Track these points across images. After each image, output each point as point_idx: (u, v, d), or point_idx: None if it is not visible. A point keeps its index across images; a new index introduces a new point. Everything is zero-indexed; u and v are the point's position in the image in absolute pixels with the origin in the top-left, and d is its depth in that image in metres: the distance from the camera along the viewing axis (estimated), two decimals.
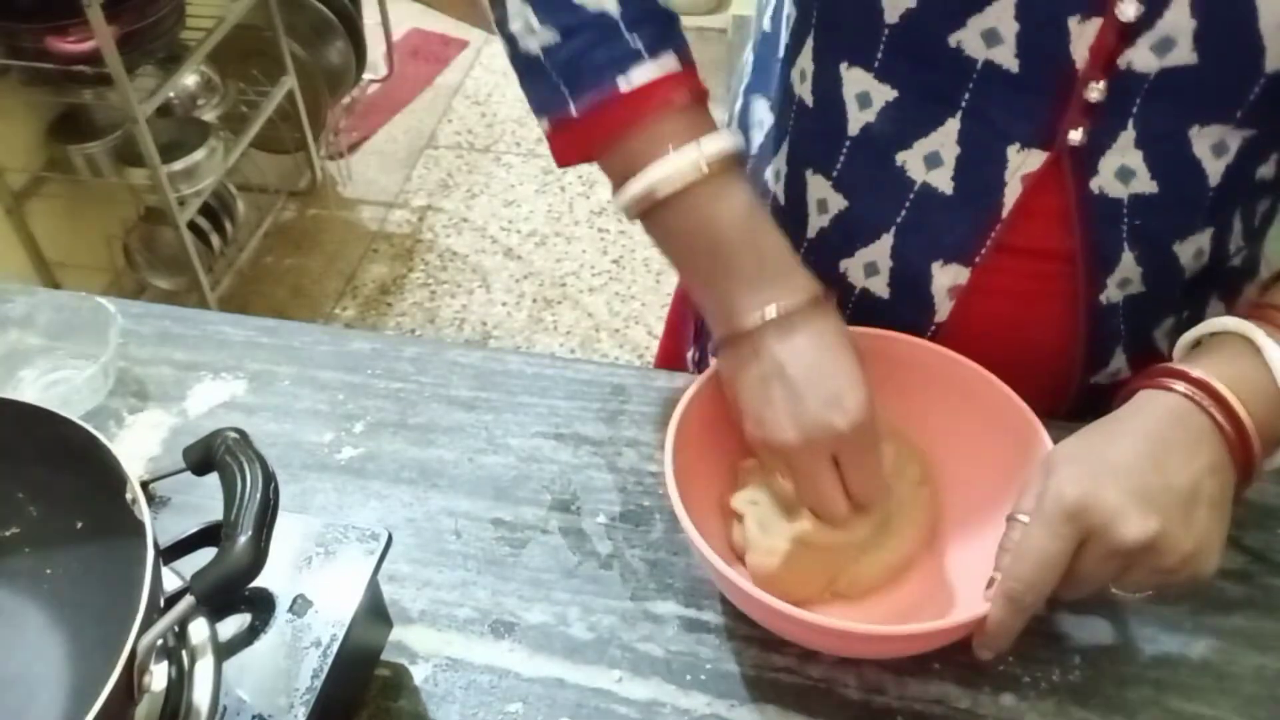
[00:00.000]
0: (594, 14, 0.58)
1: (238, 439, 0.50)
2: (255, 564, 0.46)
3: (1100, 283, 0.63)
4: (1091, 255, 0.62)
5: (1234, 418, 0.52)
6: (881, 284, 0.68)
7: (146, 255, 2.08)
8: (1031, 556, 0.51)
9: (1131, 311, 0.65)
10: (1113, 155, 0.58)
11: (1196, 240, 0.62)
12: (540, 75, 0.60)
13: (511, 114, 2.82)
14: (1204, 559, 0.51)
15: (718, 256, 0.58)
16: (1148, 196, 0.59)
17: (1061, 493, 0.51)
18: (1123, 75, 0.55)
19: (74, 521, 0.52)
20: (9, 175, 1.86)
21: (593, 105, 0.58)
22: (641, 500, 0.68)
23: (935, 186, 0.63)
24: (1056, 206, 0.61)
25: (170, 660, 0.48)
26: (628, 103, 0.58)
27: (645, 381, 0.76)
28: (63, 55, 1.70)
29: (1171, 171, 0.59)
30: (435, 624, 0.61)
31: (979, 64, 0.57)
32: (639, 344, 2.18)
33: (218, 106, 2.19)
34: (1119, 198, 0.60)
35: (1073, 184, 0.60)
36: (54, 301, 0.76)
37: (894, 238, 0.66)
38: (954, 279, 0.65)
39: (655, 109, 0.58)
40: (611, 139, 0.59)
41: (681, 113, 0.58)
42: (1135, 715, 0.56)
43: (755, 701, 0.57)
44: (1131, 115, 0.57)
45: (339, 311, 2.27)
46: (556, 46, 0.59)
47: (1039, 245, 0.63)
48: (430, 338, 2.17)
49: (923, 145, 0.62)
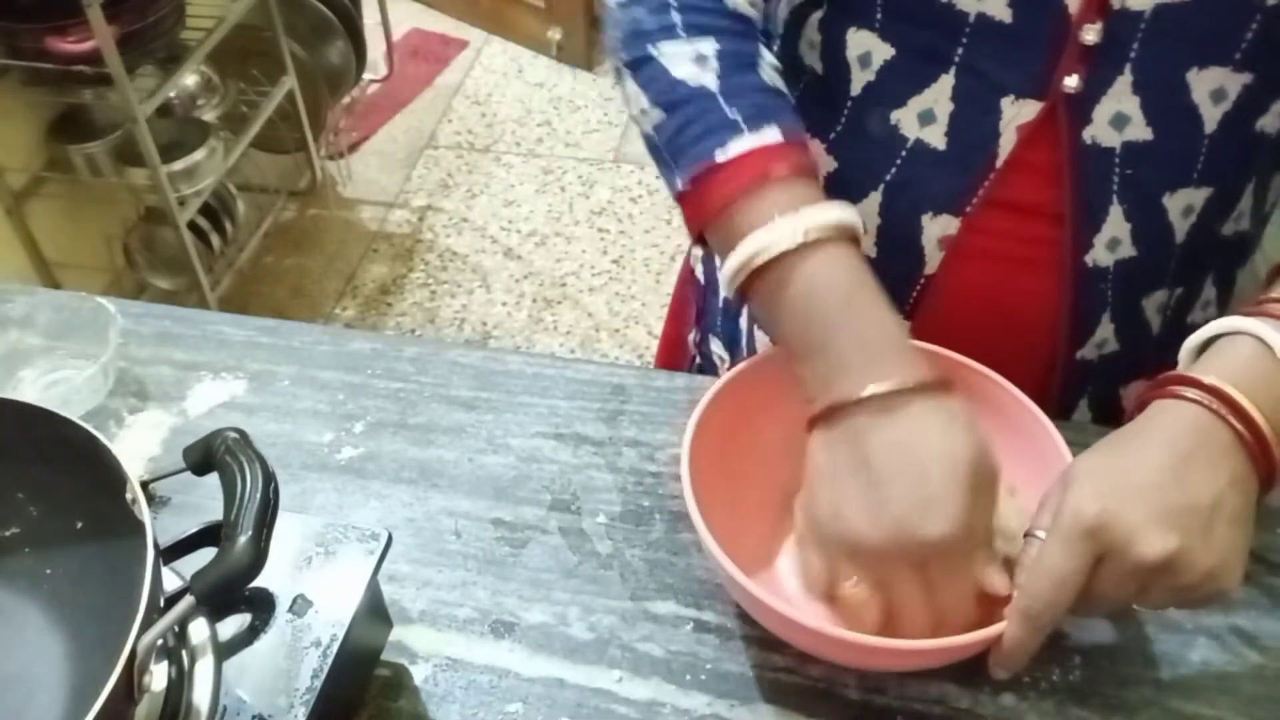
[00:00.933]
0: (694, 89, 0.58)
1: (238, 439, 0.50)
2: (255, 564, 0.46)
3: (1087, 241, 0.63)
4: (1080, 210, 0.62)
5: (1253, 425, 0.51)
6: (869, 243, 0.68)
7: (146, 255, 2.08)
8: (1048, 574, 0.50)
9: (1120, 278, 0.65)
10: (1108, 101, 0.58)
11: (1187, 195, 0.62)
12: (656, 154, 0.61)
13: (511, 114, 2.82)
14: (1226, 574, 0.50)
15: (813, 330, 0.54)
16: (1141, 144, 0.59)
17: (1079, 509, 0.50)
18: (1118, 15, 0.55)
19: (74, 521, 0.52)
20: (9, 175, 1.86)
21: (694, 178, 0.58)
22: (641, 500, 0.68)
23: (928, 143, 0.63)
24: (1048, 160, 0.61)
25: (170, 660, 0.48)
26: (725, 174, 0.57)
27: (645, 381, 0.76)
28: (63, 55, 1.70)
29: (1167, 118, 0.58)
30: (435, 624, 0.61)
31: (971, 17, 0.58)
32: (639, 344, 2.18)
33: (218, 106, 2.18)
34: (1111, 147, 0.60)
35: (1066, 133, 0.60)
36: (54, 301, 0.76)
37: (882, 195, 0.66)
38: (944, 229, 0.65)
39: (754, 180, 0.56)
40: (714, 212, 0.57)
41: (783, 184, 0.56)
42: (1135, 715, 0.56)
43: (755, 701, 0.57)
44: (1129, 60, 0.57)
45: (339, 311, 2.27)
46: (663, 124, 0.59)
47: (1029, 199, 0.63)
48: (430, 338, 2.17)
49: (917, 102, 0.62)
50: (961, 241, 0.65)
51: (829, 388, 0.53)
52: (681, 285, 0.93)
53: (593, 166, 2.62)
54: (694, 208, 0.59)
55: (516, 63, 3.00)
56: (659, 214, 2.45)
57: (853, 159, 0.67)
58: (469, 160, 2.67)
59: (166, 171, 1.83)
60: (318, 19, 2.38)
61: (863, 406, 0.52)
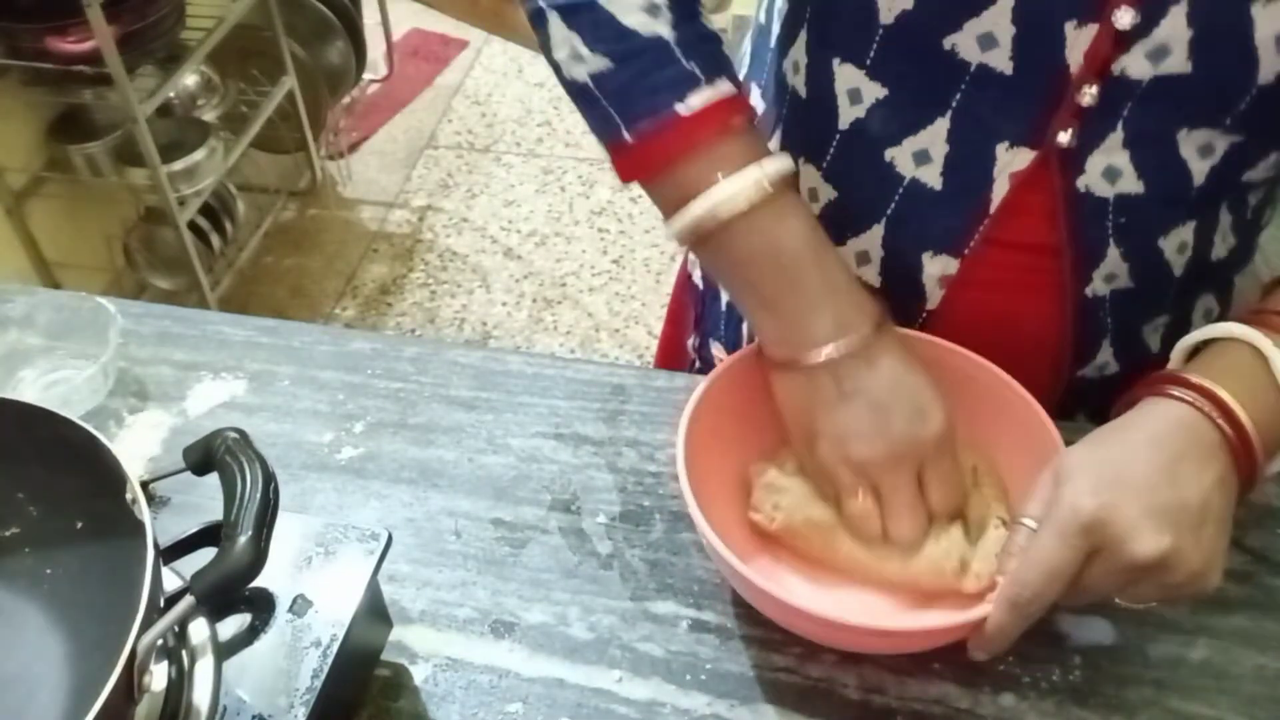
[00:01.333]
0: (648, 39, 0.57)
1: (238, 439, 0.50)
2: (255, 564, 0.46)
3: (1086, 276, 0.64)
4: (1077, 250, 0.62)
5: (1238, 426, 0.52)
6: (873, 273, 0.68)
7: (146, 255, 2.08)
8: (1040, 564, 0.51)
9: (1118, 306, 0.65)
10: (1100, 155, 0.59)
11: (1180, 234, 0.63)
12: (591, 102, 0.59)
13: (511, 114, 2.82)
14: (1210, 575, 0.51)
15: (782, 277, 0.58)
16: (1133, 196, 0.60)
17: (1078, 504, 0.51)
18: (1115, 81, 0.55)
19: (74, 521, 0.52)
20: (9, 175, 1.86)
21: (649, 131, 0.57)
22: (641, 500, 0.68)
23: (924, 182, 0.63)
24: (1043, 203, 0.61)
25: (170, 660, 0.48)
26: (686, 127, 0.57)
27: (645, 381, 0.76)
28: (63, 55, 1.70)
29: (1157, 172, 0.59)
30: (435, 624, 0.61)
31: (972, 67, 0.57)
32: (639, 344, 2.18)
33: (218, 106, 2.19)
34: (1105, 197, 0.60)
35: (1060, 182, 0.60)
36: (54, 301, 0.76)
37: (884, 229, 0.66)
38: (943, 269, 0.65)
39: (715, 133, 0.57)
40: (668, 164, 0.58)
41: (738, 136, 0.58)
42: (1135, 715, 0.56)
43: (755, 701, 0.57)
44: (1121, 118, 0.57)
45: (339, 311, 2.27)
46: (609, 73, 0.58)
47: (1026, 240, 0.63)
48: (430, 338, 2.17)
49: (912, 143, 0.62)
50: (961, 280, 0.65)
51: (802, 332, 0.58)
52: (679, 290, 0.93)
53: (593, 166, 2.62)
54: (640, 159, 0.59)
55: (516, 63, 3.00)
56: (659, 214, 2.44)
57: (851, 190, 0.67)
58: (469, 160, 2.67)
59: (166, 171, 1.83)
60: (318, 19, 2.38)
61: (843, 348, 0.57)
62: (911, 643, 0.57)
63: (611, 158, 0.61)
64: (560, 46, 0.59)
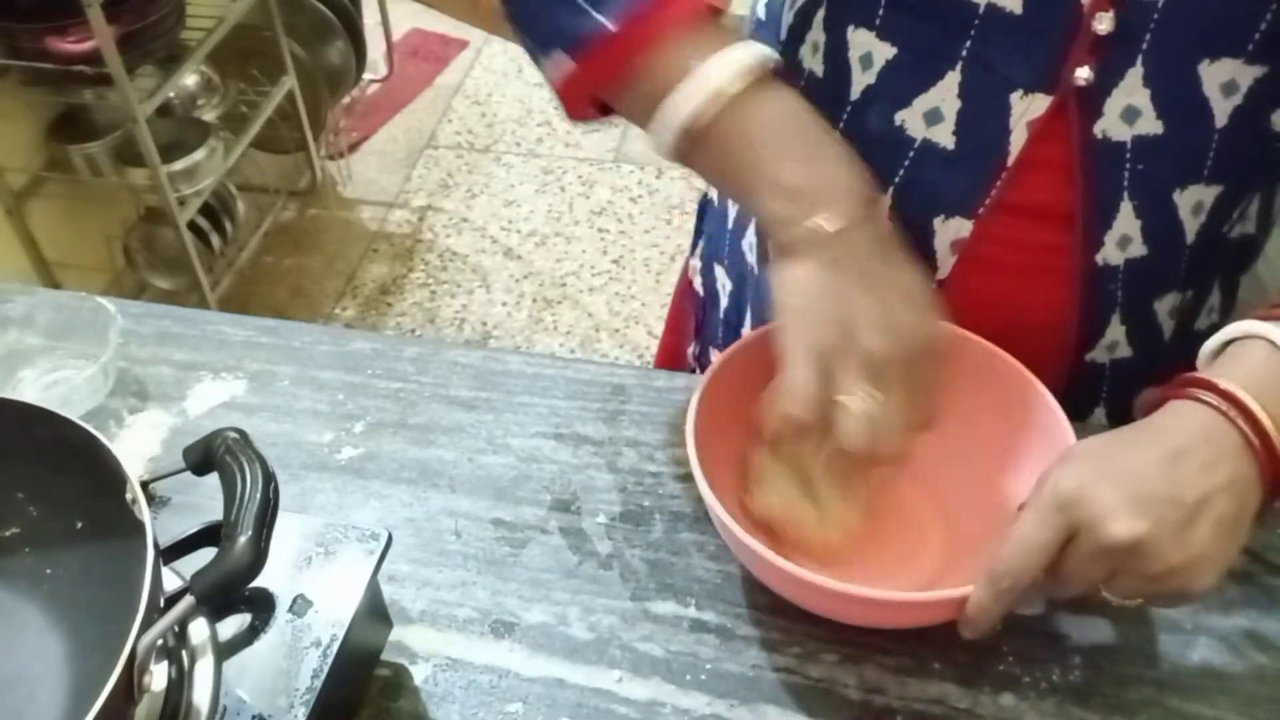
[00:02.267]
0: None
1: (238, 439, 0.50)
2: (255, 564, 0.46)
3: (1098, 239, 0.63)
4: (1090, 207, 0.62)
5: (1261, 431, 0.51)
6: None
7: (146, 255, 2.08)
8: (1017, 542, 0.51)
9: (1130, 278, 0.65)
10: (1119, 94, 0.58)
11: (1197, 192, 0.62)
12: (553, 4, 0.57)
13: (511, 114, 2.82)
14: (1195, 574, 0.50)
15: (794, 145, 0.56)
16: (1152, 138, 0.59)
17: (1058, 484, 0.51)
18: (1131, 4, 0.55)
19: (74, 521, 0.52)
20: (9, 175, 1.86)
21: (633, 16, 0.55)
22: (641, 500, 0.68)
23: (936, 143, 0.63)
24: (1059, 156, 0.61)
25: (170, 660, 0.48)
26: (673, 8, 0.55)
27: (645, 381, 0.76)
28: (63, 55, 1.70)
29: (1178, 111, 0.58)
30: (435, 624, 0.61)
31: (981, 8, 0.57)
32: (639, 344, 2.18)
33: (218, 106, 2.18)
34: (1122, 140, 0.59)
35: (1077, 128, 0.59)
36: (54, 301, 0.76)
37: (891, 198, 0.66)
38: (956, 232, 0.65)
39: (702, 17, 0.56)
40: (653, 49, 0.56)
41: (716, 23, 0.57)
42: (1135, 715, 0.56)
43: (755, 701, 0.57)
44: (1140, 51, 0.56)
45: (339, 311, 2.27)
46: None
47: (1040, 199, 0.63)
48: (430, 338, 2.17)
49: (923, 101, 0.62)
50: (973, 246, 0.65)
51: (815, 195, 0.55)
52: (679, 298, 0.93)
53: (593, 166, 2.62)
54: (622, 49, 0.56)
55: (516, 63, 3.00)
56: (659, 214, 2.45)
57: (861, 160, 0.66)
58: (469, 160, 2.67)
59: (166, 171, 1.83)
60: (318, 19, 2.38)
61: (860, 214, 0.55)
62: (902, 614, 0.57)
63: (572, 76, 0.58)
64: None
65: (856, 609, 0.57)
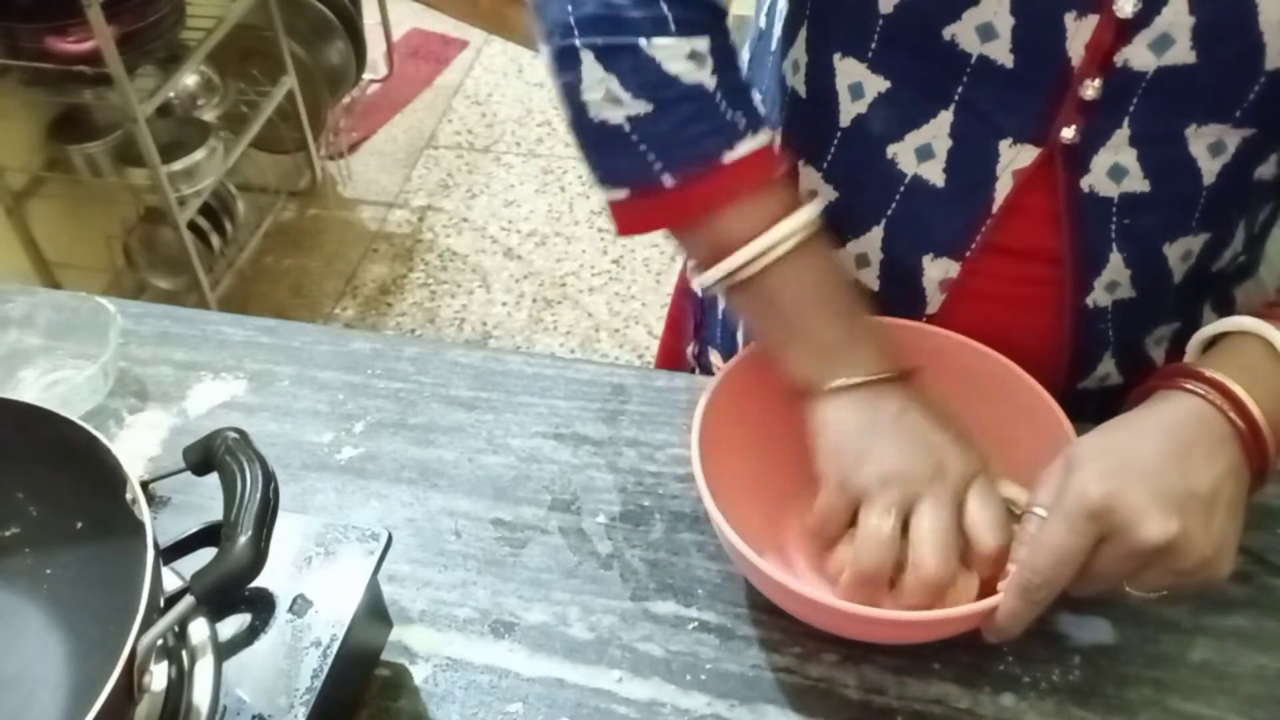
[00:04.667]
0: (690, 87, 0.57)
1: (238, 439, 0.50)
2: (255, 564, 0.46)
3: (1087, 284, 0.63)
4: (1079, 255, 0.62)
5: (1250, 420, 0.52)
6: (872, 276, 0.68)
7: (146, 255, 2.08)
8: (1049, 551, 0.51)
9: (1120, 318, 0.65)
10: (1105, 153, 0.58)
11: (1186, 242, 0.62)
12: (622, 145, 0.58)
13: (511, 114, 2.82)
14: (1220, 562, 0.51)
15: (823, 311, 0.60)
16: (1139, 195, 0.59)
17: (1085, 490, 0.51)
18: (1119, 73, 0.55)
19: (74, 521, 0.52)
20: (9, 175, 1.86)
21: (693, 175, 0.57)
22: (641, 500, 0.68)
23: (926, 179, 0.63)
24: (1047, 205, 0.61)
25: (170, 660, 0.48)
26: (731, 174, 0.57)
27: (645, 381, 0.76)
28: (63, 55, 1.70)
29: (1165, 171, 0.58)
30: (435, 624, 0.61)
31: (973, 58, 0.57)
32: (639, 344, 2.18)
33: (218, 106, 2.18)
34: (1109, 196, 0.60)
35: (1064, 181, 0.59)
36: (54, 301, 0.76)
37: (884, 230, 0.66)
38: (944, 272, 0.65)
39: (758, 182, 0.58)
40: (707, 211, 0.58)
41: (776, 186, 0.59)
42: (1135, 715, 0.56)
43: (755, 701, 0.57)
44: (1127, 114, 0.56)
45: (339, 311, 2.27)
46: (649, 118, 0.57)
47: (1028, 244, 0.63)
48: (430, 338, 2.17)
49: (915, 137, 0.62)
50: (962, 285, 0.65)
51: (842, 357, 0.59)
52: (678, 298, 0.93)
53: None
54: (678, 204, 0.59)
55: (516, 63, 3.00)
56: None
57: (852, 191, 0.66)
58: (469, 160, 2.67)
59: (166, 171, 1.83)
60: (318, 19, 2.38)
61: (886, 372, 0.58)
62: (927, 632, 0.57)
63: (628, 205, 0.60)
64: (594, 88, 0.57)
65: (883, 630, 0.57)
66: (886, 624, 0.55)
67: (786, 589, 0.54)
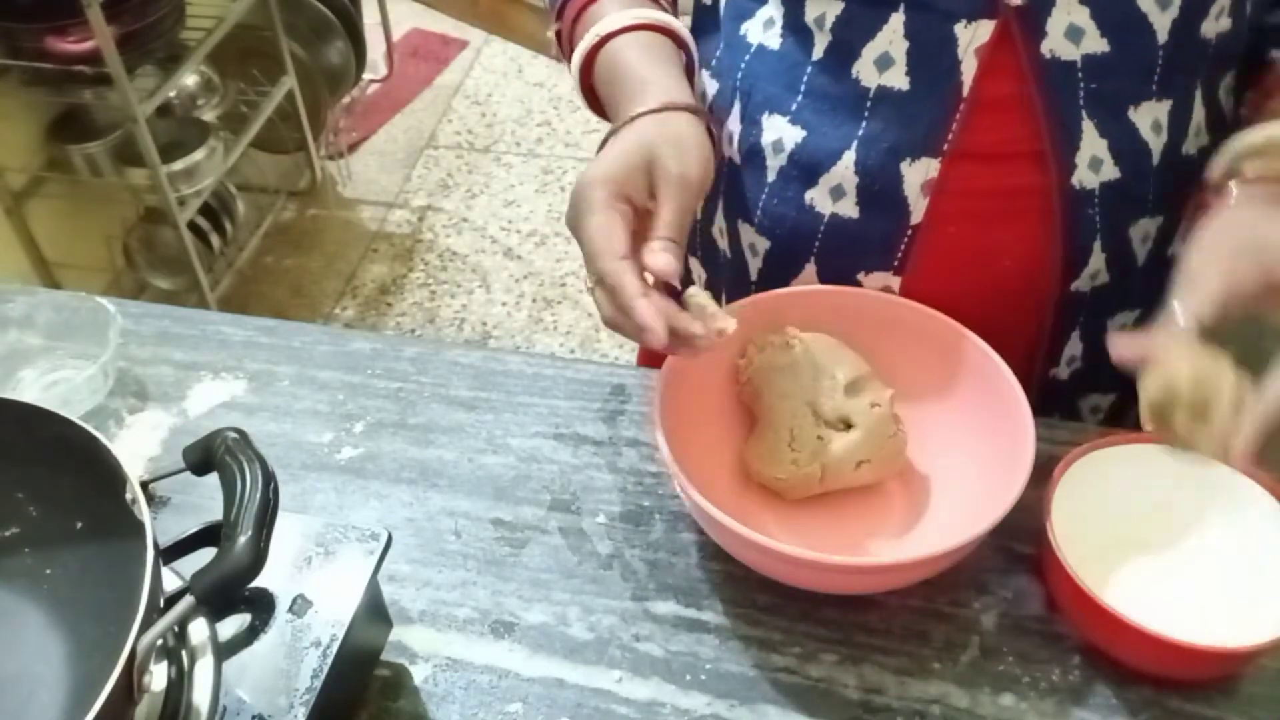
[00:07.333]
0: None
1: (238, 439, 0.50)
2: (255, 564, 0.46)
3: (1070, 163, 0.65)
4: (1055, 130, 0.64)
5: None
6: (850, 205, 0.68)
7: (146, 255, 2.08)
8: None
9: (1106, 202, 0.66)
10: (1059, 13, 0.61)
11: (1151, 109, 0.64)
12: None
13: (511, 114, 2.82)
14: None
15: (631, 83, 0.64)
16: (1100, 56, 0.62)
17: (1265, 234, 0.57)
18: None
19: (74, 521, 0.52)
20: (9, 175, 1.86)
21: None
22: (641, 500, 0.68)
23: (891, 87, 0.65)
24: (1016, 90, 0.63)
25: (170, 660, 0.48)
26: None
27: (645, 381, 0.76)
28: (63, 55, 1.70)
29: (1119, 27, 0.61)
30: (435, 624, 0.61)
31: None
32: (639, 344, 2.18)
33: (218, 106, 2.18)
34: (1072, 60, 0.62)
35: (1025, 51, 0.62)
36: (54, 301, 0.76)
37: (855, 152, 0.67)
38: (925, 173, 0.66)
39: None
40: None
41: None
42: (1135, 715, 0.56)
43: (755, 701, 0.57)
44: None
45: (339, 311, 2.27)
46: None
47: (1003, 139, 0.64)
48: (430, 338, 2.17)
49: (872, 49, 0.64)
50: (944, 187, 0.66)
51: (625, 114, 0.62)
52: None
53: None
54: None
55: (516, 63, 3.00)
56: None
57: (819, 125, 0.68)
58: (469, 160, 2.67)
59: (166, 171, 1.83)
60: (318, 19, 2.37)
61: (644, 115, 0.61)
62: (903, 574, 0.59)
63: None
64: None
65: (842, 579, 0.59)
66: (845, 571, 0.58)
67: (758, 544, 0.55)
